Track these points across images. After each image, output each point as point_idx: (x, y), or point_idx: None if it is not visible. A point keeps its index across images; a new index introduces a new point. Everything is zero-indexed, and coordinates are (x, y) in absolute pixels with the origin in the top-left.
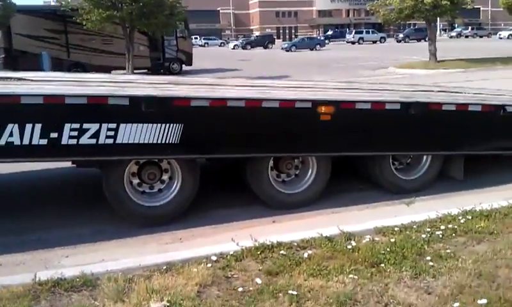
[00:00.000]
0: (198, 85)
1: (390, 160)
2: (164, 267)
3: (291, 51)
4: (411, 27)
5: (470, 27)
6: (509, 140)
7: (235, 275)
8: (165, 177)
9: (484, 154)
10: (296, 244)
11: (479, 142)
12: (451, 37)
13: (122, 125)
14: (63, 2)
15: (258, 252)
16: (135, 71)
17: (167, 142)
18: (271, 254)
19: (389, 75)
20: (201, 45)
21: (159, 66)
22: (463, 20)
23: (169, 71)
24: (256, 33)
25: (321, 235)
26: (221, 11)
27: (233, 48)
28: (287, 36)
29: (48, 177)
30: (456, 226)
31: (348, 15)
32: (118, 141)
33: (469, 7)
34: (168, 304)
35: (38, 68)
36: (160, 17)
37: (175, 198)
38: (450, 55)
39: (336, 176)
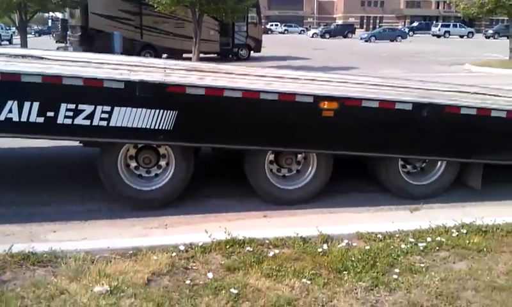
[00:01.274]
0: (211, 72)
1: (399, 163)
2: (130, 252)
3: (370, 42)
4: (502, 23)
5: None
6: None
7: (194, 267)
8: (162, 163)
9: (507, 164)
10: (268, 241)
11: (501, 150)
12: None
13: (116, 108)
14: None
15: (228, 247)
16: (204, 55)
17: (160, 128)
18: (239, 250)
19: (462, 73)
20: (281, 32)
21: (227, 52)
22: None
23: (238, 57)
24: (339, 22)
25: (297, 234)
26: None
27: (312, 37)
28: (371, 26)
29: (57, 154)
30: (444, 239)
31: (438, 7)
32: (112, 123)
33: None
34: (111, 289)
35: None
36: (229, 2)
37: (167, 184)
38: None
39: (348, 175)
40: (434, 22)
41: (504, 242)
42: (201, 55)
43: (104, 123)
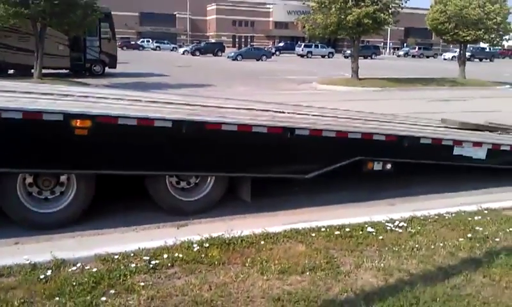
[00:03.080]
0: None
1: (167, 180)
2: None
3: (237, 60)
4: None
5: (417, 47)
6: (299, 163)
7: None
8: None
9: (273, 177)
10: None
11: (265, 164)
12: (398, 56)
13: None
14: None
15: None
16: (54, 71)
17: None
18: None
19: (308, 90)
20: (153, 49)
21: (79, 67)
22: (416, 40)
23: (91, 73)
24: (212, 40)
25: (28, 261)
26: (177, 15)
27: (183, 54)
28: (243, 45)
29: None
30: (181, 255)
31: (304, 28)
32: None
33: (390, 27)
34: None
35: None
36: (74, 17)
37: None
38: (380, 73)
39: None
40: (298, 42)
41: (242, 253)
42: (51, 70)
43: None
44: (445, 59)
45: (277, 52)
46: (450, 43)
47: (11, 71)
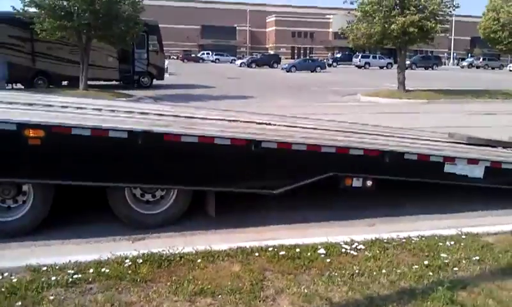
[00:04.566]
0: None
1: (126, 192)
2: None
3: (291, 72)
4: (421, 54)
5: (481, 58)
6: (266, 178)
7: None
8: None
9: (237, 192)
10: None
11: (229, 178)
12: (462, 67)
13: None
14: (20, 10)
15: None
16: (104, 83)
17: None
18: None
19: (351, 102)
20: (212, 61)
21: (128, 79)
22: (482, 50)
23: (139, 85)
24: (271, 52)
25: None
26: (238, 28)
27: (240, 66)
28: (302, 56)
29: None
30: (107, 270)
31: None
32: None
33: (438, 35)
34: None
35: None
36: (115, 30)
37: None
38: (435, 84)
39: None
40: (356, 53)
41: (172, 271)
42: (102, 82)
43: None
44: (510, 70)
45: (334, 63)
46: (504, 53)
47: (64, 83)
